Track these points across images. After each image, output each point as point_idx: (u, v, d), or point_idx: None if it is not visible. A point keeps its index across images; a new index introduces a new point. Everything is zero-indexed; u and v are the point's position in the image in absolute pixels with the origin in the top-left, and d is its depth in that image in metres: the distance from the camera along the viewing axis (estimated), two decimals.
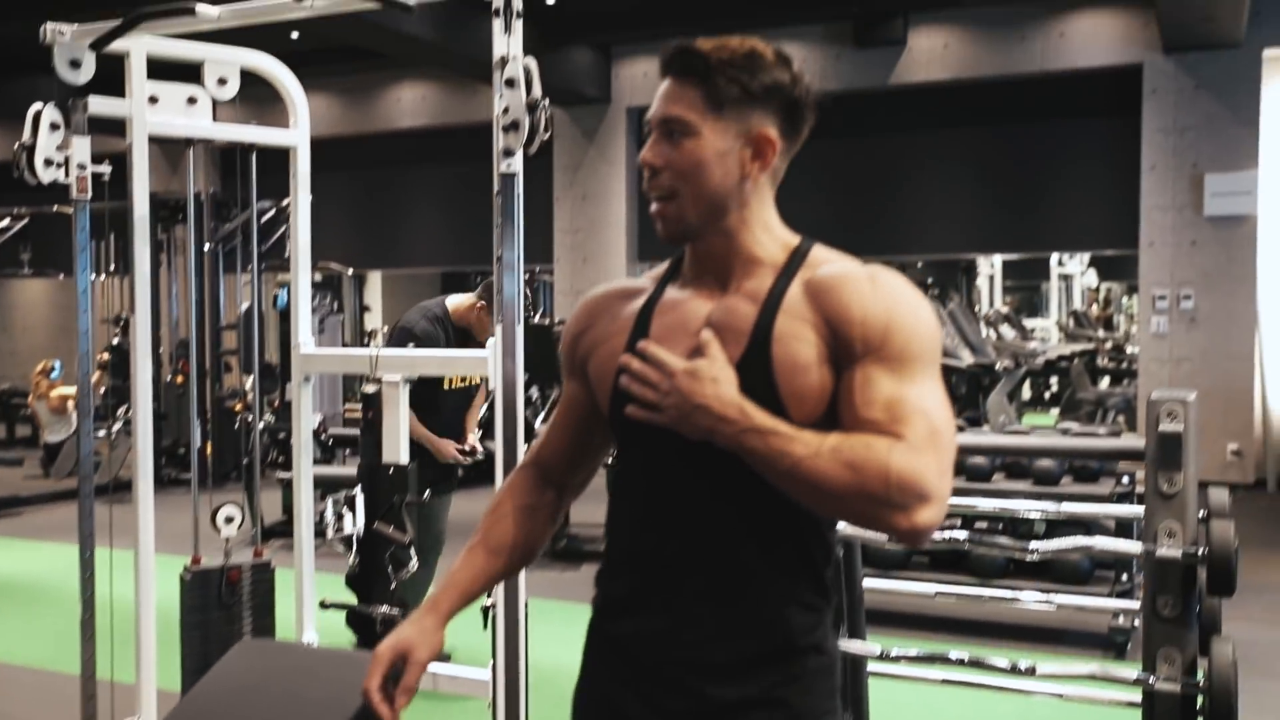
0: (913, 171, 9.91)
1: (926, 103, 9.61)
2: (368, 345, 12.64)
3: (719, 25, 9.35)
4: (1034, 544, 2.79)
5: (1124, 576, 4.78)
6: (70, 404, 9.41)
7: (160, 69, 3.61)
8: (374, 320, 14.50)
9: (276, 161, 3.94)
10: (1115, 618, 4.67)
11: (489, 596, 3.14)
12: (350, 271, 11.45)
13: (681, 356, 1.38)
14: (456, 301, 4.38)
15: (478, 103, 10.30)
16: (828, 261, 1.44)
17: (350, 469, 7.36)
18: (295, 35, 8.94)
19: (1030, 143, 9.49)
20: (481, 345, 3.80)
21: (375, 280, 15.69)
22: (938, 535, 4.06)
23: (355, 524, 3.43)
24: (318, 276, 11.85)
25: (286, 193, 3.84)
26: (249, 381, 8.39)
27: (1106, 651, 4.68)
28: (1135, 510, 3.21)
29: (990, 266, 16.50)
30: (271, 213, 8.86)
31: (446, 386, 4.42)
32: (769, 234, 1.47)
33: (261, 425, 7.53)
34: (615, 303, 1.56)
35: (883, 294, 1.38)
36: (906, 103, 9.64)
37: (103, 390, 9.77)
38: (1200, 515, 2.64)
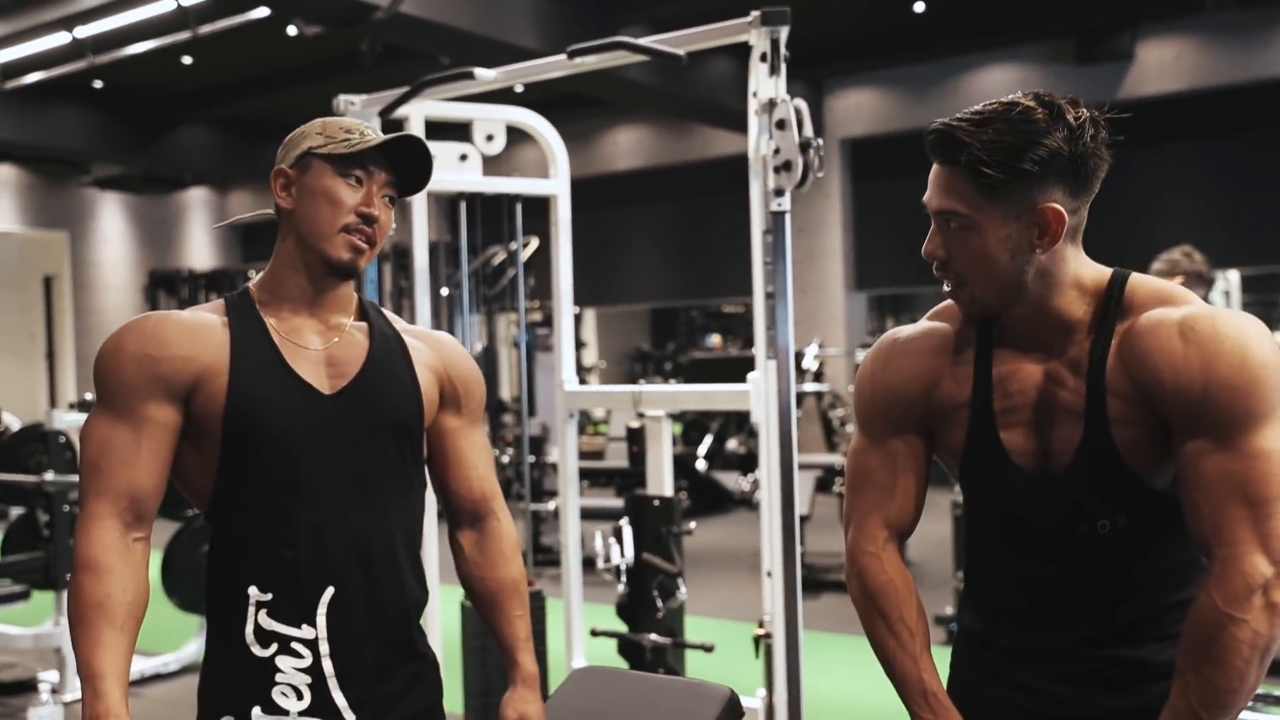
0: (1142, 187, 9.47)
1: (1156, 116, 9.18)
2: (585, 381, 13.02)
3: (930, 52, 9.22)
4: None
5: None
6: None
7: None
8: (590, 357, 14.88)
9: (500, 208, 4.29)
10: None
11: (761, 626, 3.20)
12: (575, 310, 11.81)
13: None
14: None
15: (691, 142, 10.48)
16: (1144, 303, 1.39)
17: (588, 500, 7.59)
18: (519, 89, 9.35)
19: (1274, 150, 8.93)
20: None
21: (589, 317, 16.12)
22: None
23: (624, 555, 3.56)
24: (538, 316, 12.30)
25: (506, 237, 4.23)
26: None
27: None
28: None
29: (1225, 282, 15.51)
30: (502, 257, 9.26)
31: None
32: (1079, 289, 1.42)
33: (505, 458, 7.85)
34: (944, 351, 1.50)
35: (1195, 350, 1.31)
36: (1134, 117, 9.23)
37: None
38: None
